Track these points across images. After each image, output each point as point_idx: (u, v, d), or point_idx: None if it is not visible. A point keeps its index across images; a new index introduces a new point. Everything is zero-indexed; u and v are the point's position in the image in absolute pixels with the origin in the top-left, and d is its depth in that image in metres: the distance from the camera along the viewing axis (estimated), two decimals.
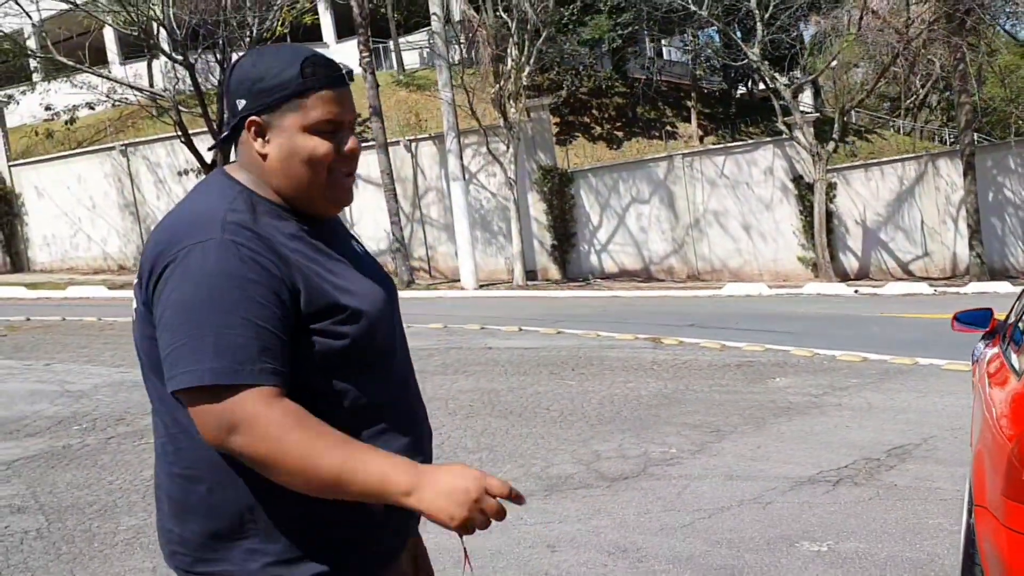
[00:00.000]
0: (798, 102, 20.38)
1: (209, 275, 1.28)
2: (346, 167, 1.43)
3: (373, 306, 1.40)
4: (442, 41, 18.05)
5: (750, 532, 3.74)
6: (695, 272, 19.89)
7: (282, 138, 1.39)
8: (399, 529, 1.47)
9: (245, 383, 1.25)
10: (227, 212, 1.35)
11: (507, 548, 3.67)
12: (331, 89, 1.39)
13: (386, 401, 1.42)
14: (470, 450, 5.25)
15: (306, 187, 1.40)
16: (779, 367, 7.54)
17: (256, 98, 1.39)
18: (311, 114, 1.38)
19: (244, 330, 1.26)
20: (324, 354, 1.34)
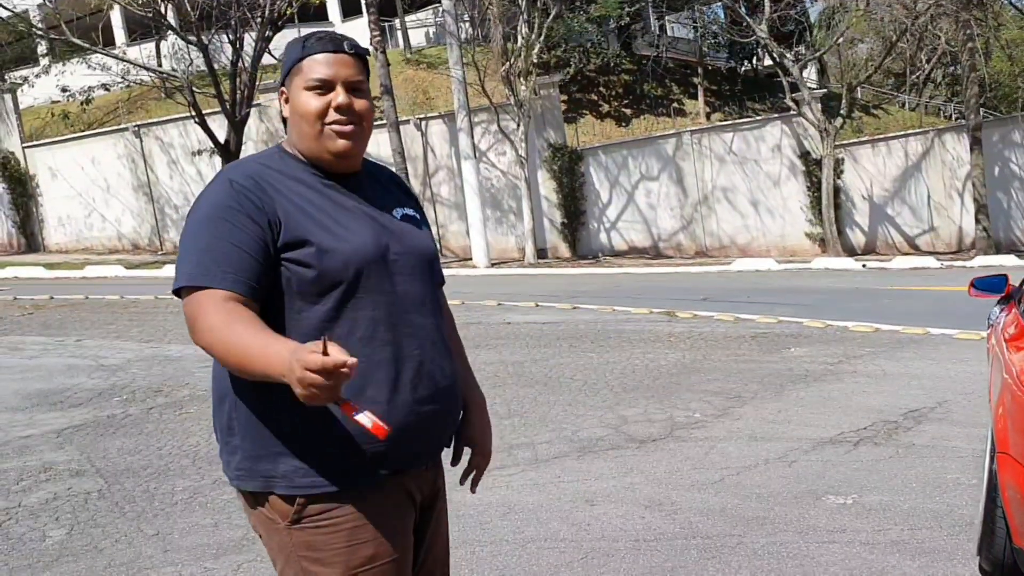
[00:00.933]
0: (804, 79, 20.45)
1: (202, 206, 1.59)
2: (342, 119, 1.63)
3: (354, 250, 1.58)
4: (452, 19, 18.13)
5: (777, 487, 3.95)
6: (704, 248, 20.06)
7: (293, 100, 1.66)
8: (358, 452, 1.57)
9: (207, 285, 1.51)
10: (245, 161, 1.68)
11: (548, 503, 3.88)
12: (323, 53, 1.64)
13: (367, 336, 1.58)
14: (501, 416, 5.45)
15: (308, 139, 1.64)
16: (793, 338, 7.73)
17: (283, 73, 1.70)
18: (307, 75, 1.63)
19: (219, 247, 1.53)
20: (297, 280, 1.55)
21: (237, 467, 1.62)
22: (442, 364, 1.68)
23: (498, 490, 4.09)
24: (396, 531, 1.64)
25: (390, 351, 1.59)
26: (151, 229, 21.44)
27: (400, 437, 1.56)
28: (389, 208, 1.71)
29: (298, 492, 1.56)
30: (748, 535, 3.44)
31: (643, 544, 3.40)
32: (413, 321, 1.64)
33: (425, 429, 1.65)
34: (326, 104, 1.62)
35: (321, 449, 1.57)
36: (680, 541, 3.41)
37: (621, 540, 3.45)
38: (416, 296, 1.66)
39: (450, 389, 1.70)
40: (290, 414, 1.54)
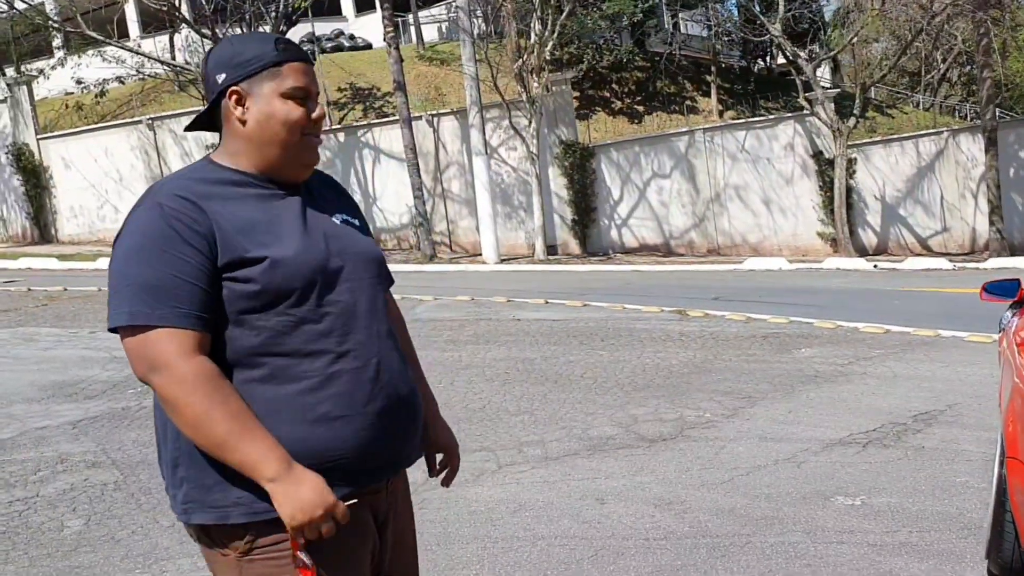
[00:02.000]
0: (818, 78, 20.40)
1: (134, 233, 1.49)
2: (314, 131, 1.61)
3: (300, 261, 1.52)
4: (466, 15, 18.15)
5: (787, 488, 3.97)
6: (715, 246, 20.05)
7: (260, 103, 1.56)
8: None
9: (159, 324, 1.44)
10: (172, 179, 1.56)
11: (558, 500, 3.92)
12: (301, 62, 1.59)
13: (320, 349, 1.52)
14: (511, 413, 5.49)
15: (282, 147, 1.57)
16: (804, 338, 7.74)
17: (236, 69, 1.57)
18: (287, 81, 1.56)
19: (161, 279, 1.45)
20: (238, 296, 1.49)
21: (185, 500, 1.53)
22: (400, 372, 1.64)
23: (508, 487, 4.13)
24: (353, 559, 1.58)
25: (345, 362, 1.54)
26: None
27: (362, 453, 1.54)
28: (330, 214, 1.66)
29: (255, 519, 1.48)
30: (757, 535, 3.47)
31: (653, 543, 3.43)
32: (366, 329, 1.59)
33: (387, 442, 1.60)
34: (307, 114, 1.59)
35: None
36: (689, 540, 3.45)
37: (631, 538, 3.48)
38: (367, 303, 1.61)
39: (410, 398, 1.66)
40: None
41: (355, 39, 28.31)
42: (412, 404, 1.66)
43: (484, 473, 4.35)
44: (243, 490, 1.48)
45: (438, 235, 20.15)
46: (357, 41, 28.19)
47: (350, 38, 28.38)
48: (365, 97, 23.40)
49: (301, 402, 1.50)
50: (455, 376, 6.54)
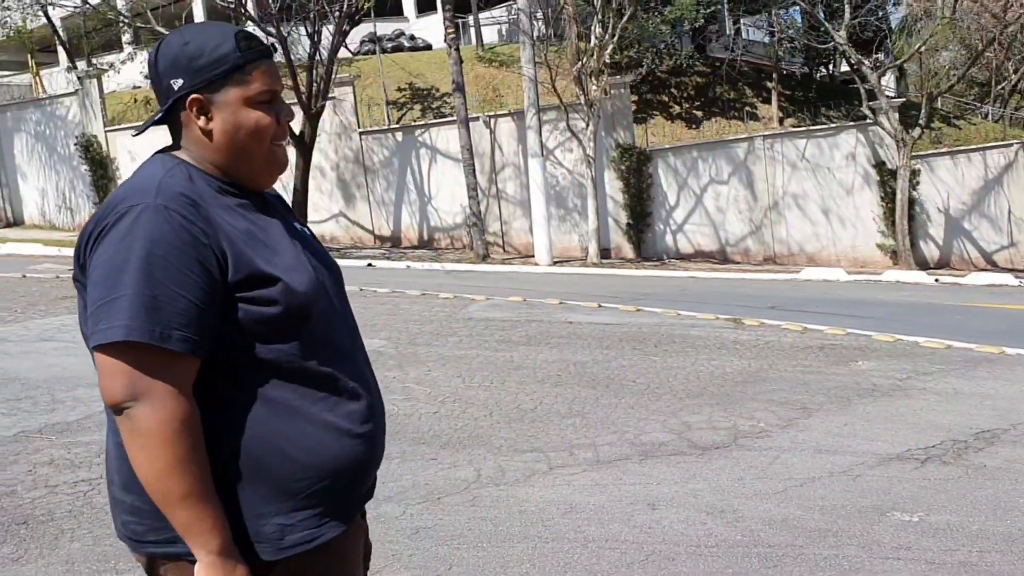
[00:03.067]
0: (883, 87, 20.02)
1: (138, 238, 1.30)
2: (282, 137, 1.48)
3: (306, 278, 1.41)
4: (526, 17, 18.19)
5: (841, 501, 3.92)
6: (772, 255, 19.79)
7: (226, 113, 1.41)
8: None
9: (158, 344, 1.28)
10: (164, 179, 1.38)
11: (610, 504, 3.92)
12: (266, 61, 1.44)
13: (330, 370, 1.43)
14: (562, 415, 5.50)
15: (249, 159, 1.44)
16: (861, 351, 7.61)
17: (196, 75, 1.40)
18: (253, 86, 1.41)
19: (164, 295, 1.29)
20: (256, 321, 1.36)
21: (140, 524, 1.39)
22: (379, 391, 1.57)
23: (559, 488, 4.14)
24: None
25: (350, 382, 1.46)
26: None
27: (366, 473, 1.49)
28: (291, 223, 1.54)
29: (274, 556, 1.38)
30: (810, 547, 3.43)
31: (704, 550, 3.42)
32: (356, 347, 1.53)
33: (379, 461, 1.54)
34: (276, 121, 1.45)
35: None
36: (741, 549, 3.42)
37: (682, 545, 3.47)
38: (349, 319, 1.54)
39: (384, 426, 1.58)
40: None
41: (415, 39, 28.56)
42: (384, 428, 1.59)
43: (535, 474, 4.37)
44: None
45: (491, 235, 20.22)
46: (417, 42, 28.42)
47: (410, 38, 28.63)
48: (423, 97, 23.58)
49: (323, 419, 1.41)
50: (506, 376, 6.57)
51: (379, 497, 4.00)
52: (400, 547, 3.46)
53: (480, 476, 4.32)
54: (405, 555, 3.39)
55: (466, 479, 4.28)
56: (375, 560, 3.32)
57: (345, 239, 21.28)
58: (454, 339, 8.08)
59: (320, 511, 1.41)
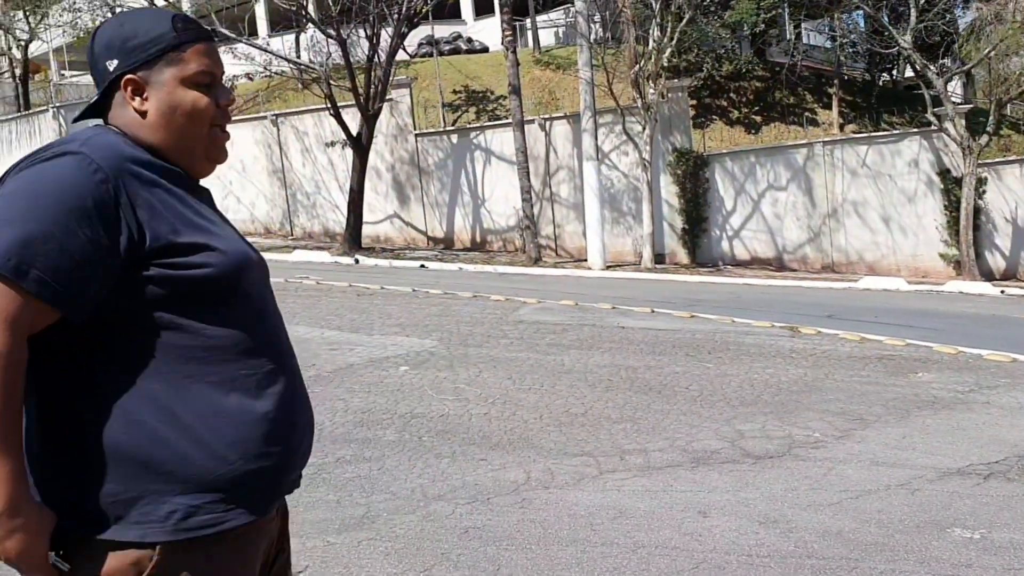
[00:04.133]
0: (949, 92, 19.55)
1: (47, 178, 1.28)
2: (223, 122, 1.45)
3: (238, 252, 1.39)
4: (584, 20, 18.16)
5: (899, 515, 3.83)
6: (830, 263, 19.44)
7: (161, 93, 1.39)
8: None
9: (10, 276, 1.23)
10: (99, 135, 1.37)
11: (660, 510, 3.88)
12: (204, 43, 1.42)
13: (253, 351, 1.39)
14: (613, 420, 5.47)
15: (187, 142, 1.41)
16: (922, 362, 7.43)
17: (130, 55, 1.39)
18: (189, 66, 1.40)
19: (42, 235, 1.24)
20: (186, 283, 1.33)
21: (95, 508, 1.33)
22: (305, 391, 1.50)
23: (609, 493, 4.11)
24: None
25: (276, 365, 1.41)
26: (282, 214, 22.35)
27: (282, 466, 1.41)
28: (220, 214, 1.51)
29: (176, 537, 1.32)
30: (866, 560, 3.36)
31: (756, 559, 3.36)
32: (284, 336, 1.48)
33: (304, 453, 1.48)
34: (214, 103, 1.43)
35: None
36: (794, 560, 3.36)
37: (733, 554, 3.42)
38: (278, 310, 1.50)
39: (311, 417, 1.51)
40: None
41: (472, 42, 28.70)
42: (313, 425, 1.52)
43: (585, 478, 4.35)
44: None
45: (544, 239, 20.21)
46: (474, 44, 28.56)
47: (467, 41, 28.78)
48: (479, 100, 23.68)
49: (240, 403, 1.36)
50: (557, 380, 6.55)
51: (428, 496, 4.03)
52: (449, 546, 3.47)
53: (529, 478, 4.32)
54: (454, 554, 3.40)
55: (515, 481, 4.28)
56: (424, 558, 3.35)
57: (399, 240, 21.46)
58: (505, 341, 8.09)
59: (228, 497, 1.34)
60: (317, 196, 22.04)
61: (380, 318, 9.37)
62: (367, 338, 8.12)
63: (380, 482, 4.23)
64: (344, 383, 6.32)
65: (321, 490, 4.10)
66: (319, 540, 3.51)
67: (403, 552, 3.41)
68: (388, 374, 6.64)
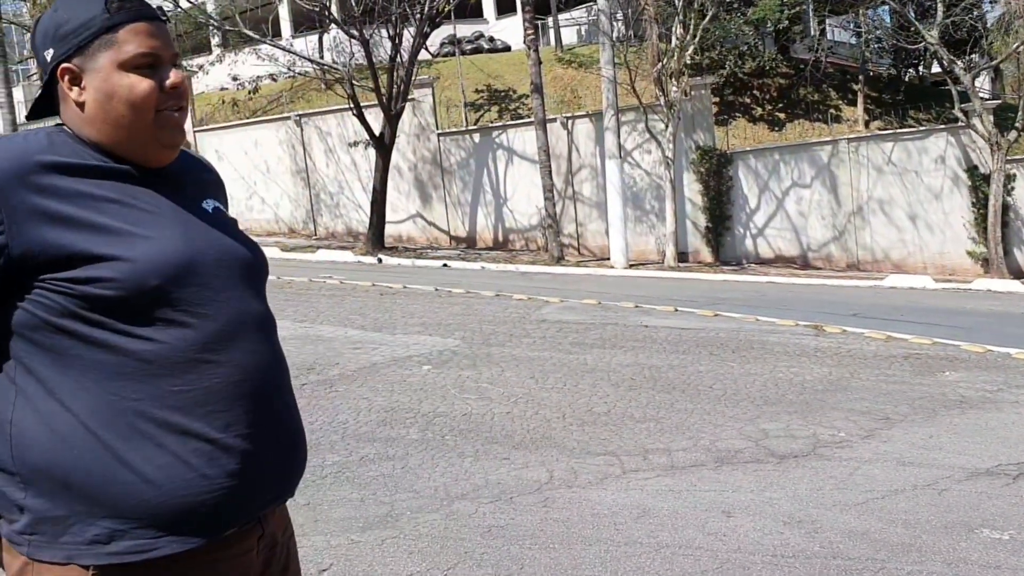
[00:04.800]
0: (976, 88, 19.31)
1: None
2: (173, 103, 1.33)
3: (161, 258, 1.26)
4: (607, 18, 18.12)
5: (926, 515, 3.79)
6: (855, 261, 19.28)
7: (98, 80, 1.29)
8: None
9: None
10: (19, 135, 1.31)
11: (684, 510, 3.87)
12: (144, 21, 1.31)
13: (201, 357, 1.28)
14: (637, 419, 5.45)
15: (131, 131, 1.30)
16: (949, 361, 7.35)
17: (64, 42, 1.30)
18: (125, 49, 1.28)
19: None
20: (91, 300, 1.24)
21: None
22: (286, 399, 1.40)
23: (633, 492, 4.11)
24: None
25: (219, 379, 1.29)
26: (306, 214, 22.48)
27: (249, 482, 1.30)
28: (198, 201, 1.40)
29: (100, 560, 1.24)
30: (892, 561, 3.33)
31: (781, 560, 3.34)
32: (254, 344, 1.34)
33: (275, 473, 1.36)
34: (157, 85, 1.30)
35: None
36: (819, 561, 3.34)
37: (758, 554, 3.40)
38: (251, 311, 1.37)
39: (298, 426, 1.42)
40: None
41: (494, 41, 28.71)
42: (298, 435, 1.42)
43: (608, 477, 4.34)
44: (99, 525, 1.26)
45: (566, 237, 20.19)
46: (496, 43, 28.57)
47: (489, 40, 28.79)
48: (501, 99, 23.68)
49: (172, 421, 1.26)
50: (579, 379, 6.55)
51: (451, 494, 4.04)
52: (472, 545, 3.48)
53: (552, 477, 4.32)
54: (477, 553, 3.40)
55: (538, 480, 4.28)
56: (448, 556, 3.35)
57: (421, 240, 21.52)
58: (528, 340, 8.09)
59: (157, 523, 1.25)
60: (340, 196, 22.15)
61: (403, 317, 9.40)
62: (390, 337, 8.15)
63: (403, 481, 4.25)
64: (367, 382, 6.34)
65: (345, 488, 4.12)
66: (343, 538, 3.52)
67: (426, 551, 3.42)
68: (411, 373, 6.66)
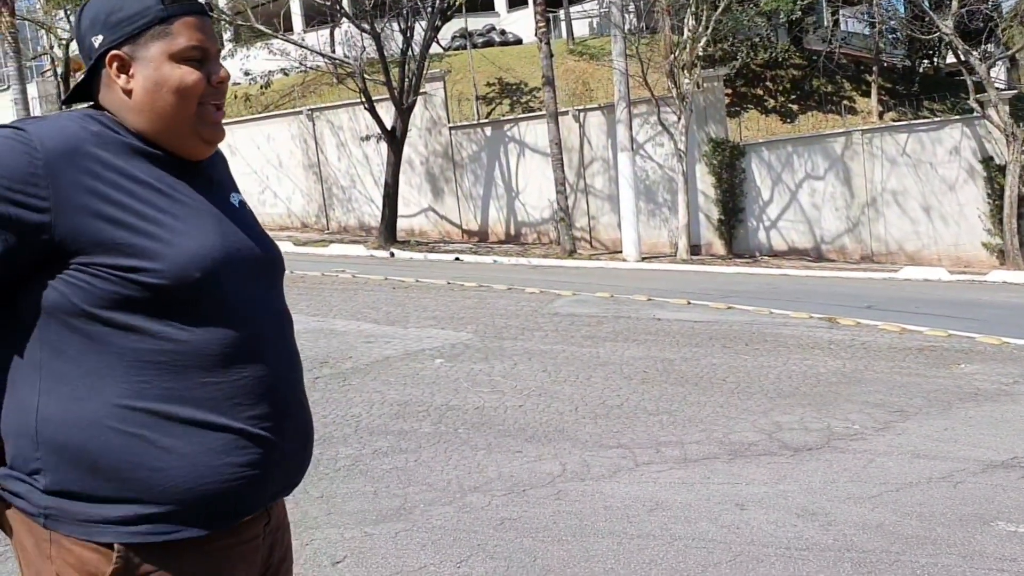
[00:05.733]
0: (992, 78, 19.14)
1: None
2: (216, 99, 1.35)
3: (202, 252, 1.28)
4: (618, 10, 18.05)
5: (940, 508, 3.77)
6: (869, 253, 19.18)
7: (148, 69, 1.30)
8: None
9: None
10: (62, 119, 1.30)
11: (697, 503, 3.86)
12: (196, 16, 1.33)
13: (228, 352, 1.30)
14: (650, 412, 5.45)
15: (175, 121, 1.31)
16: (964, 353, 7.31)
17: (115, 29, 1.31)
18: (178, 40, 1.30)
19: None
20: (132, 287, 1.24)
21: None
22: (300, 395, 1.43)
23: (646, 485, 4.10)
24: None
25: (248, 374, 1.31)
26: (319, 208, 22.53)
27: (268, 472, 1.33)
28: (227, 197, 1.42)
29: (123, 539, 1.26)
30: (907, 553, 3.31)
31: (795, 552, 3.34)
32: (276, 340, 1.37)
33: (290, 464, 1.39)
34: (205, 79, 1.32)
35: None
36: (833, 553, 3.33)
37: (771, 546, 3.39)
38: (274, 307, 1.40)
39: (310, 420, 1.46)
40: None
41: (506, 34, 28.67)
42: (311, 428, 1.46)
43: (621, 470, 4.34)
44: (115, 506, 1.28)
45: (579, 231, 20.17)
46: (508, 36, 28.54)
47: (501, 33, 28.76)
48: (512, 92, 23.65)
49: (197, 414, 1.28)
50: (592, 372, 6.54)
51: (464, 487, 4.05)
52: (485, 537, 3.48)
53: (565, 470, 4.32)
54: (490, 545, 3.41)
55: (551, 473, 4.28)
56: (461, 549, 3.36)
57: (433, 233, 21.53)
58: (540, 334, 8.09)
59: (179, 509, 1.28)
60: (352, 190, 22.19)
61: (415, 311, 9.42)
62: (403, 331, 8.17)
63: (416, 473, 4.26)
64: (380, 375, 6.36)
65: (358, 481, 4.13)
66: (356, 531, 3.54)
67: (439, 543, 3.42)
68: (424, 366, 6.67)
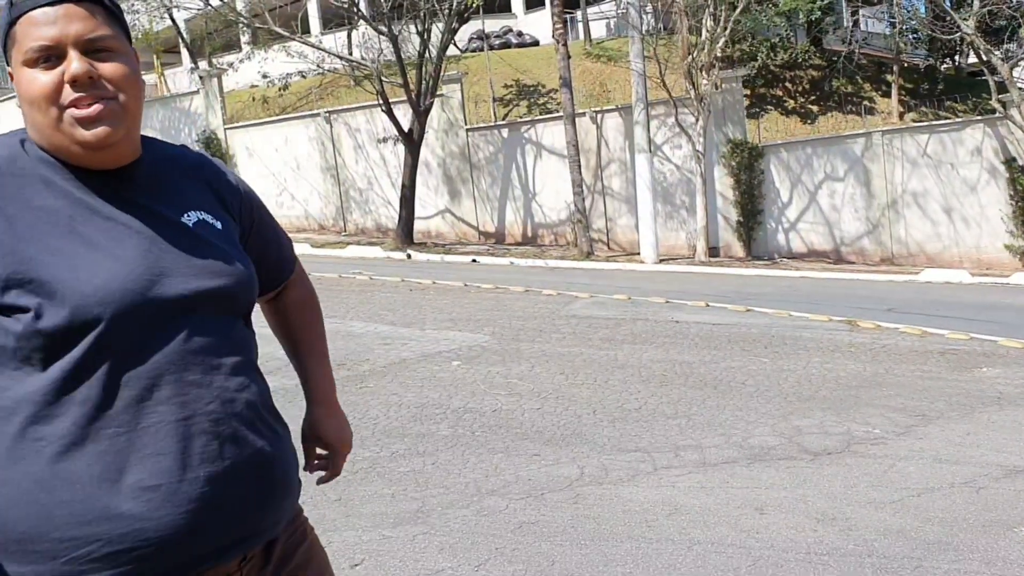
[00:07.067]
0: (1015, 78, 18.96)
1: None
2: (81, 98, 1.15)
3: (104, 283, 1.13)
4: (636, 11, 18.01)
5: (963, 513, 3.73)
6: (889, 255, 19.03)
7: (16, 82, 1.18)
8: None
9: None
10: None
11: (716, 507, 3.84)
12: (41, 8, 1.15)
13: (126, 399, 1.15)
14: (668, 416, 5.42)
15: (46, 132, 1.17)
16: (986, 357, 7.23)
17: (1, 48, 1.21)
18: (23, 44, 1.15)
19: None
20: (9, 333, 1.13)
21: None
22: (245, 432, 1.25)
23: (664, 489, 4.08)
24: None
25: (164, 419, 1.17)
26: (336, 210, 22.60)
27: (181, 530, 1.16)
28: (178, 213, 1.25)
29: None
30: (928, 559, 3.28)
31: (814, 557, 3.31)
32: (200, 378, 1.21)
33: (221, 517, 1.21)
34: (58, 80, 1.14)
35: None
36: (853, 559, 3.30)
37: (791, 551, 3.37)
38: (206, 343, 1.22)
39: (256, 460, 1.25)
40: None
41: (523, 36, 28.67)
42: (259, 470, 1.26)
43: (639, 474, 4.32)
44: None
45: (596, 232, 20.11)
46: (525, 38, 28.54)
47: (518, 35, 28.76)
48: (530, 94, 23.64)
49: (111, 466, 1.14)
50: (610, 375, 6.52)
51: (482, 490, 4.04)
52: (503, 541, 3.48)
53: (583, 474, 4.30)
54: (508, 549, 3.40)
55: (569, 476, 4.27)
56: (478, 552, 3.35)
57: (450, 235, 21.55)
58: (557, 336, 8.08)
59: (95, 569, 1.14)
60: (369, 192, 22.24)
61: (432, 313, 9.42)
62: (419, 333, 8.17)
63: (434, 476, 4.25)
64: (397, 378, 6.37)
65: (376, 484, 4.13)
66: (375, 533, 3.54)
67: (457, 546, 3.42)
68: (441, 369, 6.67)
